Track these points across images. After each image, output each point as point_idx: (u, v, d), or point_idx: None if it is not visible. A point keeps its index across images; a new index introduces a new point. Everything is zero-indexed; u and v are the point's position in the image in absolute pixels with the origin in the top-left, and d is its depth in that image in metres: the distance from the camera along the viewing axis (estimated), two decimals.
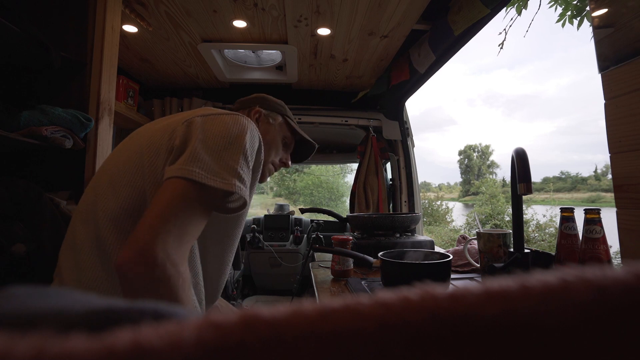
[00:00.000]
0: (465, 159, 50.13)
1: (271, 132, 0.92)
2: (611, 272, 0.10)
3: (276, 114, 0.95)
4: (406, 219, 1.29)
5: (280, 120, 0.95)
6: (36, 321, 0.11)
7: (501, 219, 10.67)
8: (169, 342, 0.09)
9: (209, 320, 0.10)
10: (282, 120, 0.96)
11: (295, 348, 0.09)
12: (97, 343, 0.09)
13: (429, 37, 1.48)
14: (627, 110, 0.71)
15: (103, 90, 1.09)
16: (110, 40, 1.11)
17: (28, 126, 0.92)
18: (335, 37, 1.58)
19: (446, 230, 10.01)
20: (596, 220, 0.71)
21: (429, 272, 0.78)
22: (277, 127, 0.94)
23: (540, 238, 8.45)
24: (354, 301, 0.10)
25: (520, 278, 0.10)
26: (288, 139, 0.97)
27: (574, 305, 0.09)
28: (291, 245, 2.81)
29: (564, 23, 2.20)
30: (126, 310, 0.11)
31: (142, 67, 1.90)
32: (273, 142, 0.92)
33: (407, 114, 2.23)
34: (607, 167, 12.15)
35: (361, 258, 1.01)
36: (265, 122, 0.92)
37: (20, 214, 0.86)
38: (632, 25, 0.69)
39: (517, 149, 0.78)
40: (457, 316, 0.09)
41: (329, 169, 10.88)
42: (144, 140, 0.68)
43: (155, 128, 0.70)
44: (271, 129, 0.93)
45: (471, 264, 1.04)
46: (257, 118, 0.91)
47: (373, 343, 0.09)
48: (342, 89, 2.24)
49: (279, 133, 0.94)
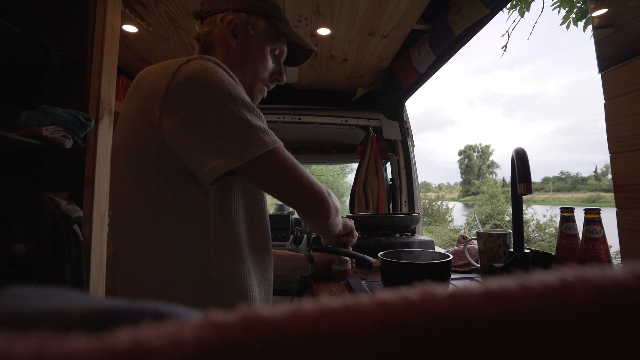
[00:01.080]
0: (466, 159, 50.13)
1: (254, 45, 0.73)
2: (611, 272, 0.10)
3: (258, 17, 0.73)
4: (406, 219, 1.29)
5: (264, 26, 0.73)
6: (36, 321, 0.11)
7: (501, 219, 10.68)
8: (169, 342, 0.09)
9: (208, 320, 0.10)
10: (268, 24, 0.74)
11: (295, 348, 0.09)
12: (97, 343, 0.09)
13: (429, 37, 1.48)
14: (627, 110, 0.71)
15: (103, 90, 1.09)
16: (110, 40, 1.11)
17: (28, 126, 0.92)
18: (335, 37, 1.58)
19: (446, 230, 10.01)
20: (596, 220, 0.71)
21: (429, 272, 0.78)
22: (261, 36, 0.74)
23: (540, 238, 8.46)
24: (354, 301, 0.10)
25: (520, 278, 0.10)
26: (278, 49, 0.77)
27: (574, 306, 0.09)
28: (291, 245, 2.81)
29: (568, 25, 2.20)
30: (126, 310, 0.11)
31: (142, 67, 1.90)
32: (258, 57, 0.74)
33: (407, 114, 2.23)
34: (607, 167, 12.20)
35: (361, 258, 1.01)
36: (243, 33, 0.72)
37: (20, 214, 0.86)
38: (632, 25, 0.69)
39: (517, 149, 0.78)
40: (457, 316, 0.09)
41: (329, 169, 10.88)
42: None
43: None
44: (253, 42, 0.73)
45: (471, 264, 1.04)
46: (233, 29, 0.71)
47: (373, 343, 0.09)
48: (342, 89, 2.24)
49: (265, 43, 0.74)
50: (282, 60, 0.80)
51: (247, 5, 0.72)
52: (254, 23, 0.72)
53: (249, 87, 0.75)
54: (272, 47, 0.76)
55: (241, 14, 0.71)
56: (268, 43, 0.75)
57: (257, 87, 0.76)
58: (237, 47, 0.72)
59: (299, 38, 0.77)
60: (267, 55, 0.75)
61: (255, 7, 0.72)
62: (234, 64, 0.72)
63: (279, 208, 3.27)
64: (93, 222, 1.03)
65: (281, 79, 0.80)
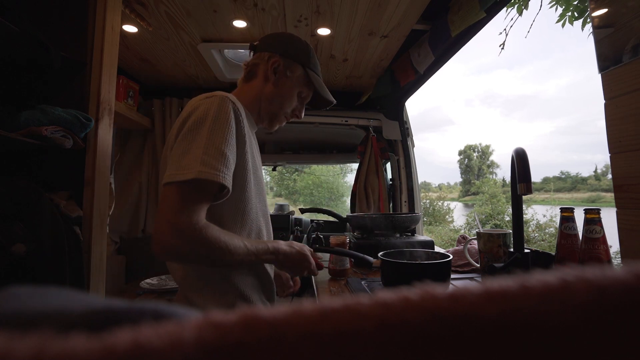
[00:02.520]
0: (466, 159, 50.12)
1: (287, 85, 0.89)
2: (611, 272, 0.10)
3: (297, 65, 0.90)
4: (406, 219, 1.29)
5: (299, 73, 0.90)
6: (36, 321, 0.11)
7: (501, 219, 10.68)
8: (169, 342, 0.09)
9: (208, 320, 0.10)
10: (302, 72, 0.91)
11: (295, 348, 0.09)
12: (97, 343, 0.09)
13: (429, 37, 1.48)
14: (627, 110, 0.71)
15: (103, 90, 1.09)
16: (110, 40, 1.11)
17: (28, 126, 0.92)
18: (335, 37, 1.58)
19: (446, 230, 10.01)
20: (596, 220, 0.71)
21: (429, 272, 0.78)
22: (295, 80, 0.90)
23: (540, 238, 8.46)
24: (354, 301, 0.10)
25: (520, 278, 0.10)
26: (304, 93, 0.93)
27: (574, 306, 0.09)
28: None
29: (564, 23, 2.20)
30: (126, 310, 0.11)
31: (142, 67, 1.90)
32: (287, 96, 0.90)
33: (407, 114, 2.23)
34: (607, 167, 12.18)
35: (361, 258, 1.01)
36: (282, 74, 0.89)
37: (20, 214, 0.86)
38: (632, 25, 0.69)
39: (517, 149, 0.78)
40: (457, 316, 0.09)
41: (329, 169, 10.88)
42: None
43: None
44: (287, 83, 0.89)
45: (471, 264, 1.04)
46: (275, 68, 0.88)
47: (373, 343, 0.09)
48: (342, 89, 2.24)
49: (296, 86, 0.91)
50: (305, 102, 0.95)
51: (293, 54, 0.89)
52: (293, 68, 0.89)
53: (273, 115, 0.90)
54: (300, 90, 0.91)
55: (286, 59, 0.88)
56: (298, 86, 0.91)
57: (279, 117, 0.91)
58: (274, 83, 0.88)
59: (324, 91, 0.93)
60: (294, 95, 0.91)
61: (298, 58, 0.90)
62: (268, 94, 0.88)
63: (279, 208, 3.27)
64: (93, 222, 1.03)
65: (299, 116, 0.95)
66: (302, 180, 16.68)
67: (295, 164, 4.28)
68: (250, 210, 0.81)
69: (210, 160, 0.67)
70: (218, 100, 0.73)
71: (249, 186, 0.79)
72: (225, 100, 0.74)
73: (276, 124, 0.93)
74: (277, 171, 2.78)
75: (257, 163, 0.88)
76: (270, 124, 0.92)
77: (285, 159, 3.03)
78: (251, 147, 0.83)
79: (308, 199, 16.29)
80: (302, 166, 9.69)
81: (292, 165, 3.78)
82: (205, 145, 0.68)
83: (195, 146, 0.68)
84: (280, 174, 17.24)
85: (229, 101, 0.74)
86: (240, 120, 0.76)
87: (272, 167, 3.16)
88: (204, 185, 0.67)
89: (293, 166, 9.04)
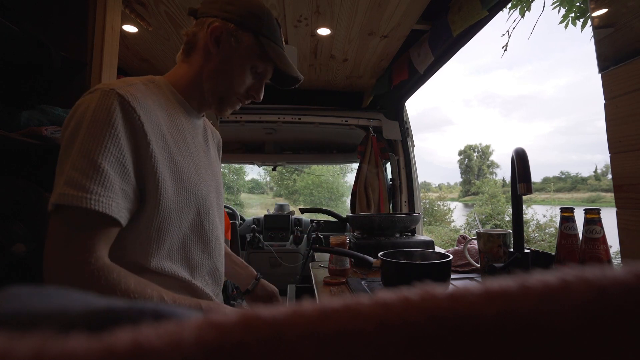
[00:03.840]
0: (465, 159, 50.11)
1: (233, 58, 0.70)
2: (611, 272, 0.10)
3: (246, 32, 0.70)
4: (406, 219, 1.29)
5: (249, 42, 0.70)
6: (36, 321, 0.11)
7: (501, 219, 10.68)
8: (169, 342, 0.09)
9: (209, 320, 0.10)
10: (254, 41, 0.71)
11: (295, 348, 0.09)
12: (97, 343, 0.09)
13: (429, 37, 1.48)
14: (627, 110, 0.71)
15: None
16: (110, 40, 1.11)
17: (28, 126, 0.92)
18: (335, 37, 1.58)
19: (446, 230, 10.01)
20: (596, 220, 0.71)
21: (429, 272, 0.78)
22: (243, 51, 0.70)
23: (540, 238, 8.46)
24: (354, 301, 0.10)
25: (520, 278, 0.10)
26: (260, 68, 0.74)
27: (574, 306, 0.09)
28: (291, 246, 2.82)
29: (567, 24, 2.21)
30: (126, 310, 0.11)
31: (142, 67, 1.90)
32: (235, 72, 0.71)
33: (407, 114, 2.23)
34: (607, 167, 12.16)
35: (361, 258, 1.01)
36: (226, 44, 0.69)
37: (20, 214, 0.86)
38: (632, 25, 0.69)
39: (517, 149, 0.78)
40: (457, 316, 0.09)
41: (329, 169, 10.88)
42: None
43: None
44: (234, 55, 0.70)
45: (471, 264, 1.04)
46: (217, 38, 0.69)
47: (373, 343, 0.09)
48: (342, 89, 2.24)
49: (246, 60, 0.71)
50: (264, 79, 0.77)
51: (240, 18, 0.69)
52: (240, 37, 0.69)
53: (220, 97, 0.73)
54: (253, 64, 0.72)
55: (230, 25, 0.69)
56: (250, 60, 0.72)
57: (229, 100, 0.74)
58: (217, 56, 0.70)
59: (285, 64, 0.74)
60: (245, 71, 0.72)
61: (247, 22, 0.70)
62: (210, 71, 0.71)
63: (279, 208, 3.27)
64: None
65: (257, 98, 0.76)
66: (302, 180, 16.68)
67: (295, 164, 4.28)
68: (169, 226, 0.63)
69: (77, 178, 0.52)
70: (98, 96, 0.57)
71: (163, 197, 0.61)
72: (108, 95, 0.57)
73: (227, 108, 0.75)
74: (277, 171, 2.78)
75: (190, 159, 0.69)
76: (219, 108, 0.74)
77: (285, 159, 3.03)
78: (176, 144, 0.66)
79: (308, 199, 16.30)
80: (302, 166, 9.70)
81: (292, 165, 3.77)
82: (73, 159, 0.54)
83: (67, 160, 0.55)
84: (280, 174, 17.25)
85: (114, 94, 0.57)
86: (135, 117, 0.58)
87: (272, 167, 3.16)
88: (78, 212, 0.52)
89: (293, 166, 9.04)
